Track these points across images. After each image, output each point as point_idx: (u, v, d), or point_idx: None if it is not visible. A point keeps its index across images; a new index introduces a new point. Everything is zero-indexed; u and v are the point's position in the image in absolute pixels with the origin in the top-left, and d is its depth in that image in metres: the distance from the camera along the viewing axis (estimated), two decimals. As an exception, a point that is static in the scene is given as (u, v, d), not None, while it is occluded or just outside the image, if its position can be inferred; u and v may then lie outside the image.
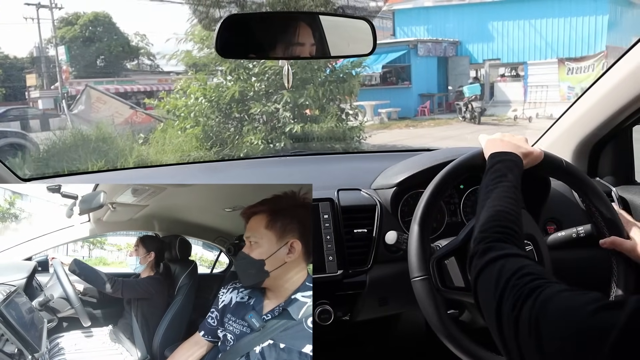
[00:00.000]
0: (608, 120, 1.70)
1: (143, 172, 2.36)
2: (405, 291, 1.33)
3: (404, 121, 18.15)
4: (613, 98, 1.64)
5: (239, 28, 1.36)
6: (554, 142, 1.89)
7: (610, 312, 0.75)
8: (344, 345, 1.97)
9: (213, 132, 9.38)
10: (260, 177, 2.03)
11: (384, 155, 2.39)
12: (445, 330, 1.27)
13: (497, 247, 1.01)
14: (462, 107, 17.32)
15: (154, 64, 31.03)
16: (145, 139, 10.26)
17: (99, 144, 9.46)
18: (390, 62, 19.23)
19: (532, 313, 0.83)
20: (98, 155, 8.72)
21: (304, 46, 1.41)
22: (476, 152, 1.39)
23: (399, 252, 1.47)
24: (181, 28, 20.39)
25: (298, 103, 9.12)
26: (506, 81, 21.88)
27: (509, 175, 1.21)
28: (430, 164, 1.64)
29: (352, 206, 1.65)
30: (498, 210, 1.11)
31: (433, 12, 21.73)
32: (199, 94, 9.37)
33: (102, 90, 16.18)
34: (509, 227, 1.07)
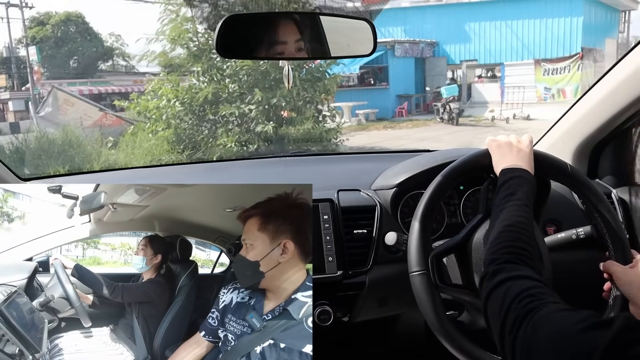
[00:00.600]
0: (608, 122, 1.71)
1: (144, 172, 2.34)
2: (404, 292, 1.34)
3: (382, 122, 18.16)
4: (613, 100, 1.65)
5: (239, 28, 1.36)
6: (553, 143, 1.89)
7: (598, 331, 0.77)
8: (343, 346, 1.97)
9: (186, 135, 9.24)
10: (261, 177, 2.03)
11: (384, 156, 2.39)
12: (441, 326, 1.27)
13: (506, 268, 1.01)
14: (440, 108, 17.40)
15: (129, 65, 30.68)
16: (115, 143, 9.98)
17: (65, 148, 9.18)
18: (367, 62, 19.22)
19: (524, 339, 0.86)
20: (63, 161, 8.53)
21: (304, 46, 1.41)
22: (481, 152, 1.40)
23: (398, 253, 1.48)
24: (154, 28, 20.26)
25: (271, 103, 9.01)
26: (483, 82, 22.05)
27: (519, 193, 1.21)
28: (430, 164, 1.64)
29: (352, 207, 1.65)
30: (508, 230, 1.12)
31: (410, 12, 21.75)
32: (171, 95, 9.21)
33: (69, 91, 15.80)
34: (519, 247, 1.07)
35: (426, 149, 2.19)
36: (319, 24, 1.41)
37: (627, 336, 0.75)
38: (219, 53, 1.37)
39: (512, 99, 18.63)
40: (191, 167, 2.46)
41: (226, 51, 1.39)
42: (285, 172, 2.09)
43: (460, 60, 21.76)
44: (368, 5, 15.29)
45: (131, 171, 2.46)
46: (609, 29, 22.39)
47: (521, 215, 1.16)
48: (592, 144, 1.83)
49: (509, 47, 20.76)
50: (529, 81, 19.32)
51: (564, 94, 19.02)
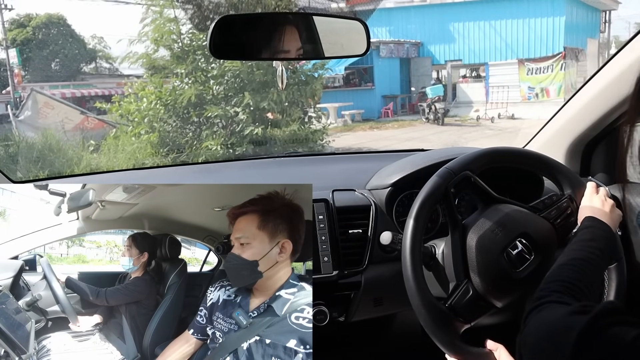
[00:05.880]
0: (600, 119, 1.71)
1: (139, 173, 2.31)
2: (400, 291, 1.32)
3: (368, 123, 18.21)
4: (605, 97, 1.65)
5: (232, 29, 1.34)
6: (546, 142, 1.89)
7: (579, 315, 0.80)
8: (339, 345, 1.96)
9: (170, 138, 9.11)
10: (256, 177, 2.02)
11: (378, 156, 2.40)
12: (435, 327, 1.25)
13: (552, 296, 0.99)
14: (425, 108, 17.51)
15: (113, 68, 30.46)
16: (96, 147, 9.69)
17: (45, 152, 8.96)
18: (353, 63, 19.26)
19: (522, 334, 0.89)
20: (42, 165, 8.39)
21: (298, 47, 1.40)
22: (478, 154, 1.40)
23: (393, 253, 1.47)
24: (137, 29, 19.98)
25: (259, 107, 8.95)
26: (468, 82, 22.19)
27: (594, 243, 1.19)
28: (424, 164, 1.65)
29: (347, 207, 1.64)
30: (569, 268, 1.10)
31: (395, 13, 21.85)
32: (153, 97, 9.04)
33: (49, 94, 15.56)
34: (572, 283, 1.04)
35: (420, 148, 2.19)
36: (312, 24, 1.39)
37: (602, 320, 0.77)
38: (212, 54, 1.35)
39: (497, 98, 18.79)
40: (187, 168, 2.44)
41: (219, 52, 1.37)
42: (281, 172, 2.08)
43: (445, 61, 21.89)
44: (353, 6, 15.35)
45: (124, 173, 2.43)
46: (591, 29, 22.62)
47: (588, 261, 1.14)
48: (585, 142, 1.83)
49: (493, 47, 20.91)
50: (513, 81, 19.46)
51: (547, 93, 19.18)
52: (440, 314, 1.25)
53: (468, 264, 1.31)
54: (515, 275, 1.28)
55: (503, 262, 1.29)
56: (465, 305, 1.28)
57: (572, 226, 1.37)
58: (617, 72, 1.59)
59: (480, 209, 1.39)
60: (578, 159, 1.86)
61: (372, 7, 17.37)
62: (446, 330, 1.25)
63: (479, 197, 1.40)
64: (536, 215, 1.38)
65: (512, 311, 1.32)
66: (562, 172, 1.46)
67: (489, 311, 1.30)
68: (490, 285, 1.27)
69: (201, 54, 9.05)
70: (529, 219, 1.37)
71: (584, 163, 1.87)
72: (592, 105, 1.71)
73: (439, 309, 1.26)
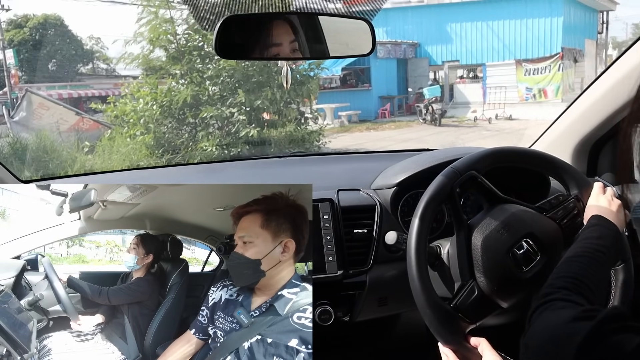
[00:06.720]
0: (607, 119, 1.70)
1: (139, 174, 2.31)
2: (405, 291, 1.31)
3: (365, 124, 18.23)
4: (611, 97, 1.64)
5: (238, 29, 1.35)
6: (552, 142, 1.89)
7: (584, 321, 0.79)
8: (344, 345, 1.96)
9: (165, 139, 9.04)
10: (259, 177, 2.02)
11: (383, 156, 2.39)
12: (439, 325, 1.24)
13: (560, 292, 0.98)
14: (422, 109, 17.53)
15: (110, 68, 30.41)
16: (91, 148, 9.63)
17: (39, 154, 8.88)
18: (349, 64, 19.26)
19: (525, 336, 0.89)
20: (36, 167, 8.36)
21: (303, 47, 1.41)
22: (482, 154, 1.39)
23: (398, 252, 1.46)
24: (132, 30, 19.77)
25: (255, 106, 8.90)
26: (465, 83, 22.21)
27: (601, 241, 1.18)
28: (429, 163, 1.64)
29: (352, 206, 1.64)
30: (576, 264, 1.09)
31: (392, 13, 21.77)
32: (149, 98, 8.98)
33: (44, 95, 15.48)
34: (579, 279, 1.03)
35: (425, 148, 2.18)
36: (318, 24, 1.41)
37: (607, 325, 0.77)
38: (217, 54, 1.36)
39: (494, 99, 18.82)
40: (190, 168, 2.44)
41: (225, 52, 1.38)
42: (285, 172, 2.08)
43: (442, 61, 21.91)
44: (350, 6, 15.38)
45: (126, 173, 2.43)
46: (588, 30, 22.65)
47: (594, 257, 1.13)
48: (592, 142, 1.82)
49: (490, 47, 20.92)
50: (511, 81, 19.52)
51: (545, 94, 19.23)
52: (445, 314, 1.25)
53: (473, 264, 1.30)
54: (520, 276, 1.27)
55: (509, 262, 1.28)
56: (471, 306, 1.27)
57: (578, 226, 1.36)
58: (625, 72, 1.59)
59: (486, 209, 1.38)
60: (585, 159, 1.86)
61: (372, 7, 17.42)
62: (451, 330, 1.24)
63: (485, 197, 1.39)
64: (542, 215, 1.37)
65: (517, 311, 1.31)
66: (568, 172, 1.45)
67: (495, 311, 1.29)
68: (495, 286, 1.27)
69: (197, 54, 9.04)
70: (535, 219, 1.36)
71: (590, 163, 1.87)
72: (599, 105, 1.70)
73: (444, 309, 1.25)
